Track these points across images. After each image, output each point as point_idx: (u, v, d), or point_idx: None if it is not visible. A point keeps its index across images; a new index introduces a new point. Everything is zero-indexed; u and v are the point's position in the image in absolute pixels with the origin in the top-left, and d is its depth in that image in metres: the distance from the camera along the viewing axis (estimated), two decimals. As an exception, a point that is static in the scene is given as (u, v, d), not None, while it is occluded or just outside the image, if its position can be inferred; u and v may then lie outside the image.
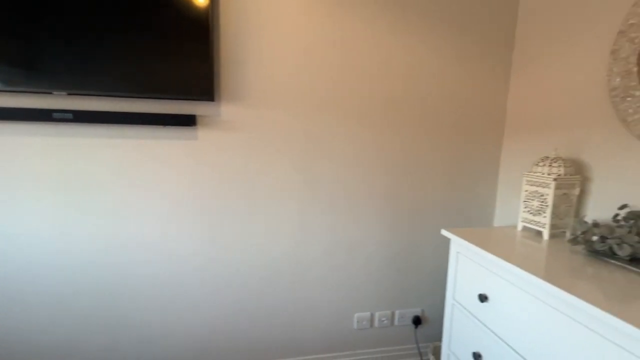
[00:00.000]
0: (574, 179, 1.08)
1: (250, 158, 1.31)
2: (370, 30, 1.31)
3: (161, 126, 1.22)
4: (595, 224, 0.95)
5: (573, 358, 0.72)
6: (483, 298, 0.99)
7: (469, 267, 1.08)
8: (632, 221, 0.91)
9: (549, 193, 1.07)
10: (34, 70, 1.07)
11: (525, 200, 1.16)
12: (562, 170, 1.07)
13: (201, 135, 1.26)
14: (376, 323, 1.53)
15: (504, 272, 0.93)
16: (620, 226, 0.91)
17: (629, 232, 0.87)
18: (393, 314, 1.54)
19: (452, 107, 1.43)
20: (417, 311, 1.56)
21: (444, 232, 1.17)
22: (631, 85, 0.98)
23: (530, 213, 1.14)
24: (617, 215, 0.96)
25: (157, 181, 1.26)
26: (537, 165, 1.13)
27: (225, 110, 1.26)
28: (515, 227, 1.24)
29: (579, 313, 0.71)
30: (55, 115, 1.12)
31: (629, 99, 0.98)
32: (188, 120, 1.21)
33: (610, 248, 0.88)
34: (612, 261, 0.88)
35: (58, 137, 1.18)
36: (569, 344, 0.73)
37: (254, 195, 1.33)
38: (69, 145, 1.19)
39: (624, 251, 0.86)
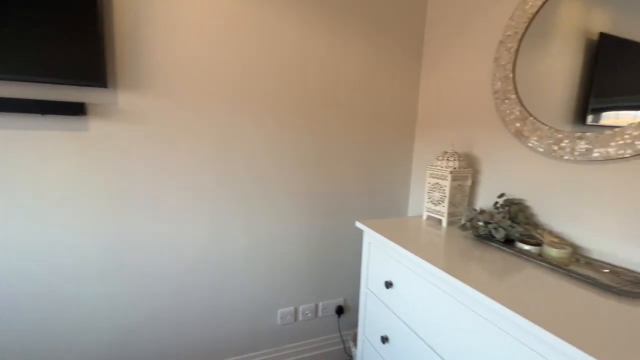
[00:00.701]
0: (467, 172, 1.21)
1: (154, 152, 1.19)
2: (286, 23, 1.29)
3: (41, 115, 1.04)
4: (481, 211, 1.07)
5: (460, 335, 0.79)
6: (388, 284, 1.05)
7: (379, 256, 1.14)
8: (507, 207, 1.05)
9: (447, 184, 1.18)
10: None
11: (428, 192, 1.27)
12: (456, 164, 1.18)
13: (94, 126, 1.10)
14: (300, 317, 1.54)
15: (404, 259, 0.99)
16: (499, 212, 1.05)
17: (504, 217, 1.01)
18: (317, 306, 1.57)
19: (367, 103, 1.49)
20: (339, 301, 1.61)
21: (358, 224, 1.22)
22: (508, 89, 1.12)
23: (433, 203, 1.25)
24: (496, 202, 1.10)
25: (34, 177, 1.07)
26: (437, 159, 1.23)
27: (123, 98, 1.12)
28: (420, 216, 1.35)
29: (460, 294, 0.79)
30: None
31: (507, 101, 1.12)
32: (75, 109, 1.05)
33: (490, 232, 1.01)
34: (492, 243, 1.01)
35: None
36: (457, 323, 0.81)
37: (160, 194, 1.22)
38: None
39: (499, 234, 0.98)
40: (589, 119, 0.93)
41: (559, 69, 0.98)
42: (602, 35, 0.89)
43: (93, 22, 1.00)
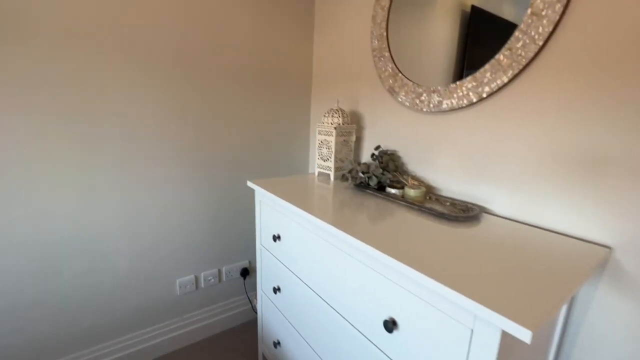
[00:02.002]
0: (350, 127, 1.28)
1: (14, 114, 0.95)
2: None
3: None
4: (360, 163, 1.16)
5: (335, 275, 0.86)
6: (276, 238, 1.09)
7: (268, 212, 1.15)
8: (380, 157, 1.15)
9: (332, 140, 1.23)
10: None
11: (318, 148, 1.31)
12: (340, 120, 1.23)
13: None
14: (202, 284, 1.50)
15: (287, 211, 1.03)
16: (373, 163, 1.15)
17: (377, 167, 1.11)
18: (220, 271, 1.55)
19: (261, 61, 1.43)
20: (244, 264, 1.62)
21: (249, 184, 1.20)
22: (383, 47, 1.18)
23: (322, 159, 1.30)
24: (373, 154, 1.19)
25: None
26: (324, 116, 1.27)
27: None
28: (313, 174, 1.40)
29: (332, 237, 0.85)
30: None
31: (382, 58, 1.19)
32: None
33: (366, 181, 1.10)
34: (368, 191, 1.10)
35: None
36: (332, 264, 0.87)
37: (18, 162, 1.00)
38: None
39: (373, 181, 1.08)
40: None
41: (432, 32, 1.05)
42: (473, 8, 0.94)
43: None
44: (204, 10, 1.25)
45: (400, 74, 1.13)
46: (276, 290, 1.13)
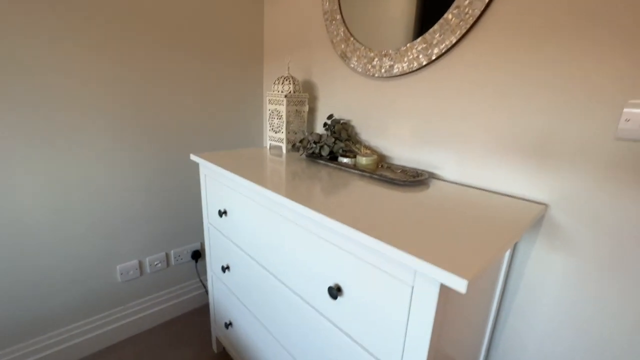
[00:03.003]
0: (303, 96, 1.21)
1: None
2: None
3: None
4: (311, 133, 1.10)
5: (290, 251, 0.81)
6: (222, 213, 1.01)
7: (214, 187, 1.07)
8: (333, 127, 1.10)
9: (283, 110, 1.16)
10: None
11: (269, 119, 1.23)
12: (291, 87, 1.16)
13: None
14: (148, 269, 1.39)
15: (233, 184, 0.95)
16: (325, 132, 1.10)
17: (328, 136, 1.06)
18: (168, 255, 1.44)
19: (207, 25, 1.29)
20: (195, 246, 1.52)
21: (193, 157, 1.10)
22: (334, 9, 1.12)
23: (274, 131, 1.23)
24: (325, 123, 1.14)
25: None
26: (274, 84, 1.19)
27: None
28: (267, 147, 1.32)
29: (281, 208, 0.79)
30: None
31: (334, 22, 1.13)
32: None
33: (318, 150, 1.05)
34: (320, 161, 1.06)
35: None
36: (284, 239, 0.82)
37: None
38: None
39: (325, 151, 1.04)
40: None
41: None
42: None
43: None
44: None
45: (352, 38, 1.07)
46: (225, 268, 1.07)
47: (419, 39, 0.89)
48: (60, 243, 1.15)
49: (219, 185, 1.04)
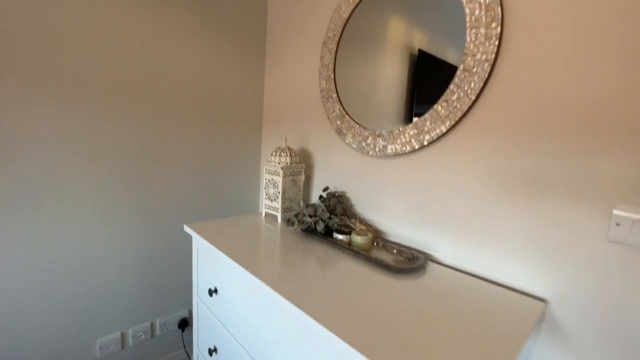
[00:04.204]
0: (299, 167, 1.23)
1: None
2: (114, 7, 1.03)
3: None
4: (307, 206, 1.11)
5: (284, 343, 0.77)
6: (212, 291, 0.97)
7: (206, 261, 1.04)
8: (328, 200, 1.11)
9: (279, 180, 1.17)
10: None
11: (265, 188, 1.24)
12: (288, 159, 1.19)
13: None
14: (130, 342, 1.30)
15: (225, 263, 0.93)
16: (320, 206, 1.10)
17: (323, 210, 1.06)
18: (153, 325, 1.36)
19: (209, 95, 1.36)
20: (183, 313, 1.45)
21: (186, 229, 1.08)
22: (331, 88, 1.18)
23: (269, 199, 1.23)
24: (321, 196, 1.15)
25: None
26: (272, 155, 1.22)
27: None
28: (261, 213, 1.32)
29: (267, 297, 0.77)
30: None
31: (330, 99, 1.19)
32: None
33: (313, 225, 1.05)
34: (316, 236, 1.04)
35: None
36: (276, 329, 0.78)
37: None
38: None
39: (320, 226, 1.03)
40: (415, 120, 0.95)
41: (384, 78, 1.03)
42: (420, 52, 0.95)
43: None
44: (148, 36, 1.17)
45: (347, 116, 1.12)
46: (212, 351, 1.00)
47: (410, 125, 0.94)
48: (38, 311, 1.09)
49: (210, 260, 1.02)
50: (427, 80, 0.94)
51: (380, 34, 1.04)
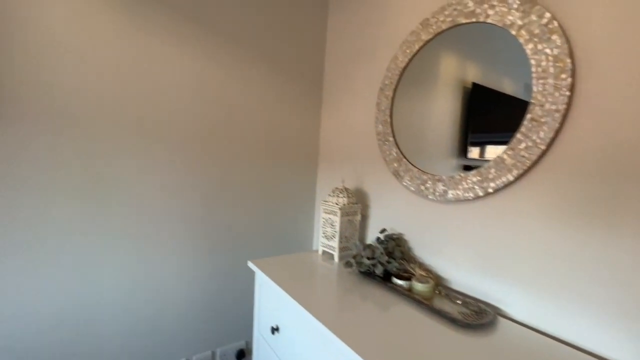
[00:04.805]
0: (356, 207, 1.27)
1: (16, 191, 0.98)
2: (182, 58, 1.23)
3: None
4: (365, 247, 1.12)
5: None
6: (274, 329, 1.01)
7: (269, 298, 1.09)
8: (386, 243, 1.12)
9: (337, 220, 1.21)
10: None
11: (322, 227, 1.29)
12: (345, 200, 1.23)
13: None
14: (193, 369, 1.38)
15: (289, 302, 0.97)
16: (379, 248, 1.11)
17: (382, 253, 1.07)
18: (214, 354, 1.44)
19: (268, 140, 1.49)
20: (241, 344, 1.50)
21: (250, 264, 1.16)
22: (387, 132, 1.22)
23: (326, 238, 1.27)
24: (378, 238, 1.16)
25: None
26: (329, 195, 1.27)
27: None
28: (317, 251, 1.36)
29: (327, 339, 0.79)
30: None
31: (387, 142, 1.23)
32: None
33: (371, 268, 1.05)
34: (374, 279, 1.05)
35: None
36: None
37: (17, 232, 1.00)
38: None
39: (378, 270, 1.04)
40: (470, 152, 0.99)
41: (438, 113, 1.07)
42: (474, 85, 0.99)
43: None
44: (217, 87, 1.33)
45: (404, 159, 1.15)
46: (272, 390, 1.03)
47: (473, 171, 0.93)
48: (115, 336, 1.22)
49: (272, 297, 1.07)
50: (483, 111, 0.97)
51: (434, 73, 1.10)
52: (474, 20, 0.94)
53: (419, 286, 0.94)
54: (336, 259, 1.22)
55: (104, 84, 1.10)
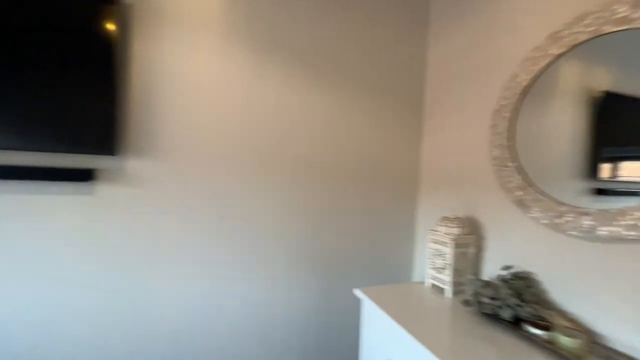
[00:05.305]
0: (469, 239, 1.16)
1: (157, 214, 1.21)
2: (289, 88, 1.37)
3: (53, 181, 1.09)
4: (486, 284, 1.01)
5: None
6: (387, 366, 0.98)
7: (378, 329, 1.07)
8: (512, 282, 0.99)
9: (448, 252, 1.13)
10: None
11: (430, 258, 1.22)
12: (457, 231, 1.14)
13: (100, 190, 1.15)
14: (297, 390, 1.42)
15: (404, 338, 0.93)
16: (504, 287, 0.98)
17: (510, 294, 0.94)
18: (316, 377, 1.46)
19: (368, 164, 1.51)
20: (341, 372, 1.49)
21: (357, 292, 1.16)
22: (506, 157, 1.11)
23: (435, 270, 1.20)
24: (502, 275, 1.04)
25: (45, 238, 1.09)
26: (438, 224, 1.20)
27: (130, 164, 1.18)
28: (424, 282, 1.28)
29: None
30: None
31: (505, 168, 1.11)
32: (85, 175, 1.11)
33: (495, 310, 0.94)
34: (499, 323, 0.93)
35: None
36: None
37: (156, 257, 1.22)
38: None
39: (506, 313, 0.92)
40: (601, 171, 0.89)
41: (564, 131, 0.96)
42: (607, 93, 0.89)
43: (111, 99, 1.09)
44: (322, 119, 1.42)
45: (531, 188, 1.02)
46: None
47: (636, 205, 0.76)
48: (233, 342, 1.34)
49: (383, 329, 1.04)
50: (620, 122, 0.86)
51: (561, 87, 0.99)
52: (626, 27, 0.81)
53: (565, 340, 0.80)
54: (448, 294, 1.13)
55: (230, 119, 1.29)
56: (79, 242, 1.13)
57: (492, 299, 0.96)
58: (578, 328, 0.84)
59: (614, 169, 0.87)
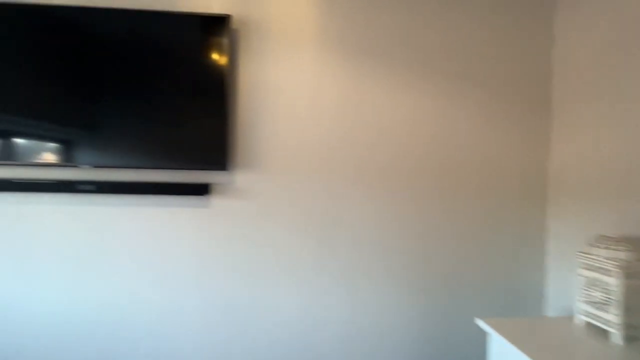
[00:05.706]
0: (644, 267, 0.87)
1: (262, 225, 1.25)
2: (395, 93, 1.28)
3: (176, 195, 1.22)
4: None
5: None
6: None
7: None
8: None
9: (614, 283, 0.87)
10: (65, 147, 1.15)
11: (584, 289, 0.95)
12: (627, 255, 0.87)
13: (214, 203, 1.24)
14: None
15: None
16: None
17: None
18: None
19: (486, 172, 1.31)
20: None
21: (482, 325, 0.98)
22: None
23: (592, 305, 0.93)
24: None
25: (168, 247, 1.23)
26: (593, 245, 0.94)
27: (239, 178, 1.24)
28: (571, 318, 1.01)
29: None
30: (79, 187, 1.17)
31: None
32: (201, 189, 1.21)
33: None
34: None
35: (81, 207, 1.21)
36: None
37: (261, 264, 1.25)
38: (92, 213, 1.21)
39: None
40: None
41: None
42: None
43: (223, 121, 1.19)
44: (437, 126, 1.30)
45: None
46: None
47: None
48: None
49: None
50: None
51: None
52: None
53: None
54: (617, 339, 0.86)
55: (327, 131, 1.26)
56: (198, 252, 1.24)
57: None
58: None
59: None
